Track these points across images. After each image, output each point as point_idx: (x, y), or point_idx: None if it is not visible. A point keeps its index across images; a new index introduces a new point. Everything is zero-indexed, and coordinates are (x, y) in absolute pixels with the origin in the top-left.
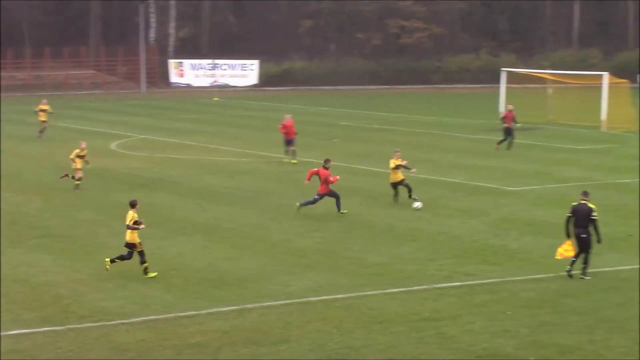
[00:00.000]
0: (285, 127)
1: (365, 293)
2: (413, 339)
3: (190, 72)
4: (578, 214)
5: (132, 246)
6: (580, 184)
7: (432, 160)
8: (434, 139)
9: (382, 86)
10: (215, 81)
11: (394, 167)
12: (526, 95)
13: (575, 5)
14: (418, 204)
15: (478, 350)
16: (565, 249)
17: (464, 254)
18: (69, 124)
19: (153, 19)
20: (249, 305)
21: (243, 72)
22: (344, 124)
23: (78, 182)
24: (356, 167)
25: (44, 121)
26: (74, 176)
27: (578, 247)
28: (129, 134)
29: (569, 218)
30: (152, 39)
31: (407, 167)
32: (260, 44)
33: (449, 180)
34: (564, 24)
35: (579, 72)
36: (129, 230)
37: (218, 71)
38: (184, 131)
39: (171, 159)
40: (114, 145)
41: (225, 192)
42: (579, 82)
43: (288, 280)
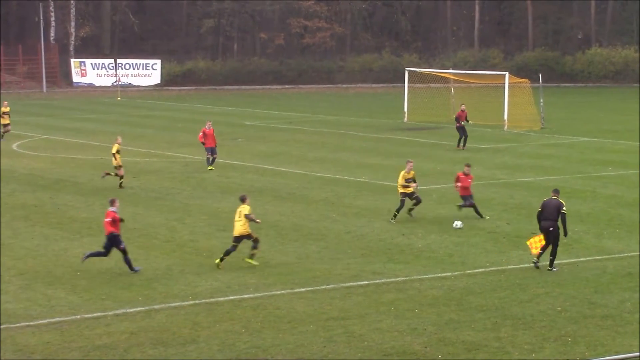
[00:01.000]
0: (204, 135)
1: (273, 293)
2: (321, 338)
3: (92, 72)
4: (548, 208)
5: (248, 237)
6: (483, 182)
7: (338, 159)
8: (338, 138)
9: (286, 86)
10: (117, 81)
11: (404, 184)
12: (429, 95)
13: (476, 6)
14: (458, 223)
15: (386, 349)
16: (535, 242)
17: (371, 253)
18: None
19: (53, 18)
20: (156, 306)
21: (146, 72)
22: (249, 123)
23: (121, 180)
24: (262, 167)
25: (7, 124)
26: (117, 173)
27: (546, 240)
28: (30, 134)
29: (539, 213)
30: (53, 38)
31: (414, 182)
32: (162, 43)
33: (355, 179)
34: (465, 24)
35: (480, 72)
36: (241, 223)
37: (120, 71)
38: (87, 131)
39: (75, 160)
40: (15, 146)
41: (130, 193)
42: (481, 82)
43: (195, 280)
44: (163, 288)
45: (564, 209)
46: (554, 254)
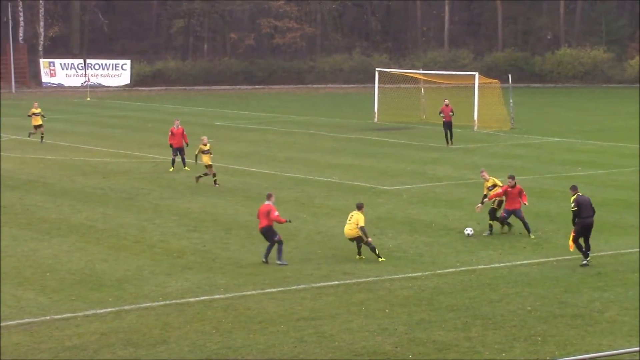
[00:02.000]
0: (172, 135)
1: (244, 293)
2: (292, 338)
3: (61, 72)
4: (585, 205)
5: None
6: (453, 182)
7: (308, 159)
8: (309, 138)
9: (256, 86)
10: (87, 81)
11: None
12: (399, 95)
13: (445, 6)
14: (469, 230)
15: (357, 349)
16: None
17: (342, 253)
18: None
19: (22, 18)
20: (126, 307)
21: (115, 72)
22: (219, 123)
23: (215, 178)
24: (232, 167)
25: (39, 125)
26: (207, 173)
27: (584, 235)
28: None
29: (577, 211)
30: (21, 38)
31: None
32: (132, 43)
33: (325, 179)
34: (435, 24)
35: (450, 72)
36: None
37: (90, 71)
38: (56, 131)
39: (44, 160)
40: None
41: (100, 193)
42: (451, 83)
43: (166, 281)
44: (133, 289)
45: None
46: (589, 247)
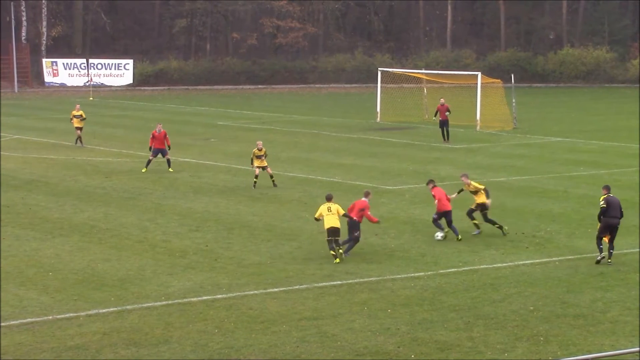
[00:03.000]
0: (153, 138)
1: (246, 293)
2: (294, 338)
3: (64, 72)
4: (613, 205)
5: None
6: (456, 182)
7: (310, 159)
8: (311, 138)
9: (259, 86)
10: (89, 81)
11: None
12: (402, 95)
13: (448, 6)
14: (439, 235)
15: (359, 349)
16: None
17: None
18: None
19: (24, 18)
20: (128, 307)
21: (118, 72)
22: (221, 123)
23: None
24: (235, 167)
25: (79, 128)
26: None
27: (607, 233)
28: (2, 134)
29: (605, 210)
30: (24, 37)
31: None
32: (134, 43)
33: (327, 179)
34: (438, 24)
35: (453, 72)
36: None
37: (93, 71)
38: (58, 131)
39: (46, 160)
40: None
41: (102, 193)
42: (454, 82)
43: (168, 280)
44: (135, 288)
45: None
46: (612, 247)
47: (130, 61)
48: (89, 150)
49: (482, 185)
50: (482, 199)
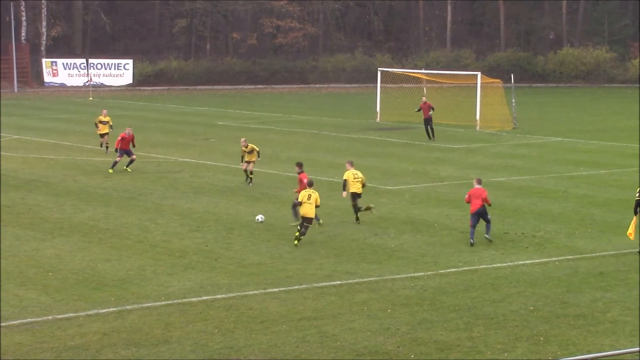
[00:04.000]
0: (121, 140)
1: (246, 293)
2: (294, 338)
3: (64, 72)
4: None
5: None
6: (456, 182)
7: (310, 159)
8: (311, 138)
9: (259, 86)
10: (89, 81)
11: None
12: (402, 95)
13: (448, 6)
14: (259, 217)
15: (359, 349)
16: (633, 228)
17: (344, 253)
18: None
19: (24, 18)
20: (128, 307)
21: (118, 72)
22: (221, 123)
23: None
24: (234, 167)
25: (105, 134)
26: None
27: None
28: (2, 134)
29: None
30: (24, 37)
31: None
32: (134, 43)
33: (327, 179)
34: (438, 25)
35: (453, 72)
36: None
37: (92, 71)
38: (58, 131)
39: (46, 160)
40: None
41: (102, 193)
42: (453, 82)
43: (168, 280)
44: (135, 288)
45: None
46: None
47: (130, 61)
48: (89, 150)
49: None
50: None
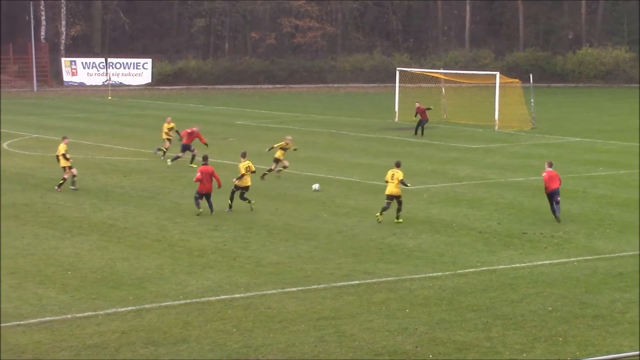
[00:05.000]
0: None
1: (264, 292)
2: (312, 337)
3: (83, 71)
4: None
5: (398, 197)
6: (474, 182)
7: (328, 159)
8: (329, 138)
9: (277, 85)
10: (108, 80)
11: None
12: (420, 95)
13: (467, 6)
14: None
15: (377, 348)
16: None
17: (362, 253)
18: None
19: (44, 17)
20: (147, 306)
21: (136, 71)
22: (240, 123)
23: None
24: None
25: (168, 139)
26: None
27: None
28: (21, 133)
29: None
30: (43, 37)
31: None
32: (153, 42)
33: (345, 179)
34: (456, 24)
35: (471, 72)
36: (395, 184)
37: (111, 70)
38: (77, 130)
39: None
40: (5, 145)
41: (120, 192)
42: (472, 82)
43: (186, 280)
44: (154, 287)
45: None
46: None
47: (149, 60)
48: (107, 149)
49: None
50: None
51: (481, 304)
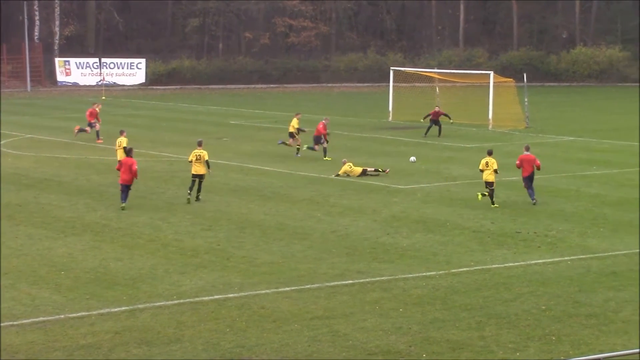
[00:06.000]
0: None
1: (258, 292)
2: (306, 337)
3: (76, 71)
4: None
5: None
6: (468, 182)
7: (322, 158)
8: None
9: (271, 85)
10: (102, 80)
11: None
12: (414, 94)
13: (460, 5)
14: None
15: (371, 348)
16: None
17: (356, 252)
18: None
19: (37, 17)
20: (140, 306)
21: (130, 71)
22: (234, 122)
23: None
24: (247, 166)
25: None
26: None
27: None
28: (15, 133)
29: None
30: (37, 37)
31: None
32: (147, 42)
33: (340, 178)
34: (450, 23)
35: (465, 71)
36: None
37: (105, 70)
38: (71, 130)
39: (59, 159)
40: None
41: (114, 192)
42: (466, 81)
43: (180, 279)
44: (147, 287)
45: None
46: None
47: (143, 60)
48: (101, 149)
49: None
50: None
51: (475, 303)
